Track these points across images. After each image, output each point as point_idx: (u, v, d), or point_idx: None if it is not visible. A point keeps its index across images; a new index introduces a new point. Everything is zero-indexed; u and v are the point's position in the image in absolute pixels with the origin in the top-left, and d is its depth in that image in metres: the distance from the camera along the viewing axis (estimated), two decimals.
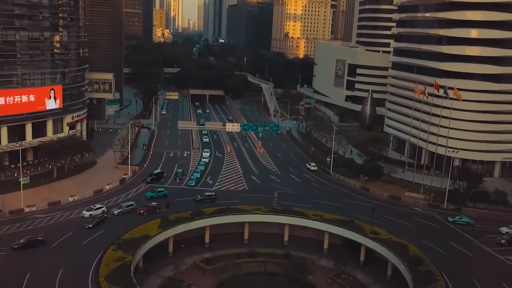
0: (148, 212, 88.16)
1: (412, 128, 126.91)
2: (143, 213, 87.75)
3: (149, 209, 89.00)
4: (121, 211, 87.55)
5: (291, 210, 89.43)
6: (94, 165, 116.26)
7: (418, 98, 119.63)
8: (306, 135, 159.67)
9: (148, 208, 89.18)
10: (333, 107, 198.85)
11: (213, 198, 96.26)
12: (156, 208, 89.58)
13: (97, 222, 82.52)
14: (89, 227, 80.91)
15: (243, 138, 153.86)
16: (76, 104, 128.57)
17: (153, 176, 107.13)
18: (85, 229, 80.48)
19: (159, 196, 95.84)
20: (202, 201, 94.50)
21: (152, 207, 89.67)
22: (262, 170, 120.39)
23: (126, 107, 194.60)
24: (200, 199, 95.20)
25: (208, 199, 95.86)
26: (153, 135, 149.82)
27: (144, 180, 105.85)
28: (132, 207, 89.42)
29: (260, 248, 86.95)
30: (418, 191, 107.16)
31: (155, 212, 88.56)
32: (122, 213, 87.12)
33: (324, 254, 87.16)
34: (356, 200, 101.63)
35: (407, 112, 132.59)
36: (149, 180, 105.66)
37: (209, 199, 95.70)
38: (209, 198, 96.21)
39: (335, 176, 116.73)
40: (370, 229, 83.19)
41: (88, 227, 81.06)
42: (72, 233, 78.92)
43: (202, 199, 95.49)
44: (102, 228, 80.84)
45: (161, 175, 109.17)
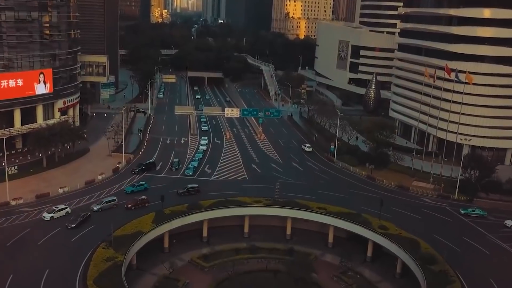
0: (137, 206, 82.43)
1: (420, 113, 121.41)
2: (131, 208, 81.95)
3: (138, 203, 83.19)
4: (101, 207, 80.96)
5: (293, 202, 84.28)
6: (86, 153, 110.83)
7: (427, 82, 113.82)
8: (308, 120, 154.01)
9: (136, 202, 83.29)
10: (336, 90, 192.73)
11: (196, 191, 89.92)
12: (145, 201, 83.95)
13: (81, 221, 75.58)
14: (72, 227, 74.00)
15: (243, 124, 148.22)
16: (68, 89, 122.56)
17: (143, 166, 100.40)
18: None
19: (140, 190, 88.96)
20: (185, 194, 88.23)
21: (141, 201, 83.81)
22: (262, 158, 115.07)
23: (122, 90, 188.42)
24: (182, 192, 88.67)
25: (191, 191, 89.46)
26: (149, 120, 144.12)
27: (132, 171, 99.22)
28: (113, 203, 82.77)
29: (261, 243, 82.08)
30: (427, 180, 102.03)
31: (145, 206, 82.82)
32: (102, 209, 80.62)
33: (328, 249, 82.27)
34: (362, 191, 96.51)
35: (415, 97, 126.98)
36: (138, 171, 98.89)
37: (192, 192, 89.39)
38: (192, 190, 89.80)
39: (340, 164, 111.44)
40: (378, 223, 78.15)
41: (71, 227, 74.12)
42: (60, 229, 73.77)
43: (185, 191, 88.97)
44: (93, 223, 75.66)
45: (151, 165, 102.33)
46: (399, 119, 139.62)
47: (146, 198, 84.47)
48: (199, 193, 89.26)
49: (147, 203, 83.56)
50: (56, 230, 72.98)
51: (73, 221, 75.42)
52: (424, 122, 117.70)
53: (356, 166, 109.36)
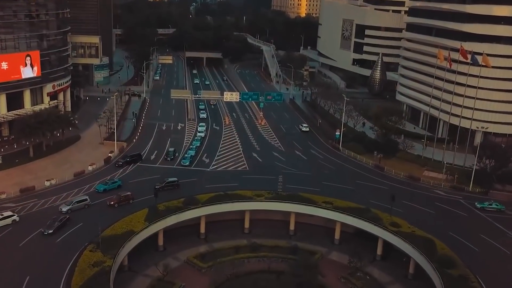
0: (120, 203, 75.11)
1: (432, 98, 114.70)
2: (114, 205, 74.83)
3: (122, 200, 75.75)
4: (70, 208, 72.21)
5: (297, 196, 78.28)
6: (77, 141, 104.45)
7: (438, 64, 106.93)
8: (311, 103, 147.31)
9: (119, 199, 75.74)
10: (339, 71, 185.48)
11: (175, 185, 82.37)
12: (129, 198, 76.63)
13: (59, 226, 67.16)
14: (49, 233, 65.80)
15: (243, 108, 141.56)
16: (58, 72, 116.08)
17: (127, 158, 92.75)
18: None
19: (113, 188, 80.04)
20: (163, 189, 79.53)
21: (124, 197, 76.30)
22: (264, 145, 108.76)
23: (117, 72, 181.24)
24: (160, 187, 79.38)
25: (169, 186, 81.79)
26: (144, 105, 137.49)
27: (117, 164, 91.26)
28: (85, 203, 74.16)
29: (262, 239, 76.34)
30: (439, 170, 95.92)
31: (129, 203, 75.67)
32: (72, 210, 72.07)
33: (335, 246, 76.62)
34: (370, 182, 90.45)
35: (425, 80, 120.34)
36: (122, 163, 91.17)
37: (171, 186, 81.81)
38: (171, 185, 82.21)
39: (345, 152, 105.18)
40: (389, 220, 72.24)
41: (48, 233, 65.86)
42: None
43: (163, 186, 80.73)
44: (80, 222, 69.64)
45: (137, 157, 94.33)
46: (407, 103, 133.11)
47: (130, 194, 77.15)
48: (178, 187, 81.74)
49: (132, 200, 76.45)
50: (40, 230, 66.92)
51: (50, 226, 66.99)
52: (435, 108, 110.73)
53: (363, 154, 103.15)
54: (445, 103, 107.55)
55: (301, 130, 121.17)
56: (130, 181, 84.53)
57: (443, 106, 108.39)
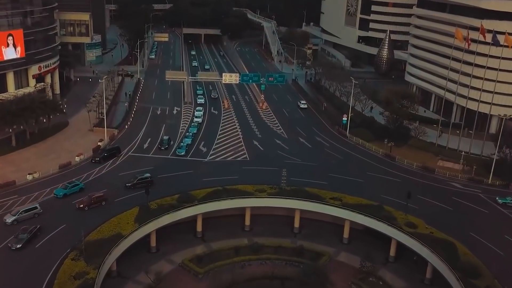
0: (91, 206, 66.70)
1: (441, 79, 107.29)
2: (84, 208, 66.17)
3: (93, 202, 67.08)
4: (16, 218, 61.96)
5: (302, 191, 71.55)
6: (65, 128, 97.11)
7: (453, 44, 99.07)
8: (315, 85, 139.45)
9: (90, 201, 67.06)
10: (344, 49, 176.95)
11: (148, 182, 73.27)
12: (102, 199, 68.02)
13: (29, 239, 58.16)
14: (17, 248, 56.78)
15: (243, 90, 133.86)
16: (44, 52, 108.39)
17: (105, 153, 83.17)
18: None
19: (74, 192, 70.05)
20: (135, 187, 72.51)
21: (97, 199, 67.57)
22: (265, 132, 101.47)
23: (111, 50, 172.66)
24: (131, 185, 72.67)
25: (141, 183, 73.01)
26: (138, 86, 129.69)
27: (93, 160, 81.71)
28: (35, 211, 63.93)
29: (265, 239, 70.05)
30: (454, 159, 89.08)
31: (101, 204, 67.42)
32: (18, 221, 61.59)
33: (343, 245, 70.28)
34: (380, 173, 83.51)
35: (437, 60, 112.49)
36: (98, 159, 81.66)
37: (144, 183, 72.70)
38: (143, 181, 73.26)
39: (353, 139, 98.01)
40: (404, 219, 65.69)
41: (15, 248, 56.83)
42: None
43: (134, 184, 72.88)
44: (64, 223, 62.76)
45: (115, 151, 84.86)
46: (417, 85, 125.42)
47: (103, 195, 68.42)
48: (152, 184, 72.99)
49: (105, 201, 67.89)
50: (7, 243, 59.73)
51: (19, 240, 57.61)
52: (451, 91, 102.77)
53: (372, 141, 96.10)
54: (461, 86, 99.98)
55: (300, 107, 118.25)
56: (120, 173, 77.54)
57: (459, 89, 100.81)
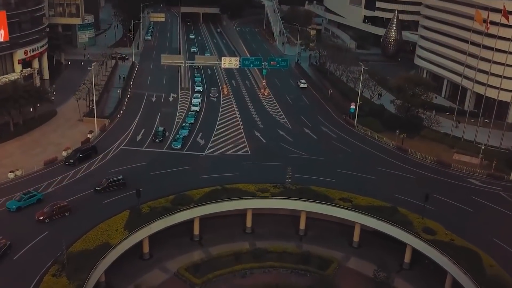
0: (53, 218, 58.13)
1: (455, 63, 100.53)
2: (44, 220, 57.66)
3: (55, 213, 58.49)
4: None
5: (309, 191, 65.49)
6: (53, 117, 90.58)
7: (468, 26, 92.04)
8: (319, 68, 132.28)
9: (52, 212, 58.40)
10: (349, 30, 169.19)
11: (120, 184, 66.09)
12: (65, 209, 59.51)
13: None
14: None
15: (243, 74, 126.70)
16: (30, 35, 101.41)
17: (80, 154, 73.62)
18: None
19: (31, 203, 60.57)
20: (105, 190, 65.12)
21: (59, 209, 58.95)
22: (268, 122, 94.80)
23: (105, 31, 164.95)
24: (101, 188, 65.03)
25: (113, 186, 65.80)
26: (132, 70, 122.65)
27: (67, 163, 72.05)
28: None
29: (268, 242, 64.29)
30: (471, 151, 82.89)
31: (65, 215, 58.97)
32: None
33: (353, 249, 64.56)
34: (392, 168, 77.17)
35: (452, 43, 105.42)
36: (73, 161, 71.99)
37: (115, 186, 65.92)
38: (115, 184, 66.04)
39: (361, 130, 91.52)
40: (421, 224, 59.75)
41: None
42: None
43: (105, 187, 65.25)
44: (46, 230, 56.76)
45: (91, 151, 75.91)
46: (427, 69, 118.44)
47: (67, 205, 59.93)
48: (124, 186, 65.93)
49: (69, 211, 59.61)
50: None
51: None
52: (469, 78, 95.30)
53: (382, 132, 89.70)
54: (479, 73, 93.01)
55: (299, 87, 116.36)
56: (110, 170, 71.22)
57: (470, 75, 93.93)
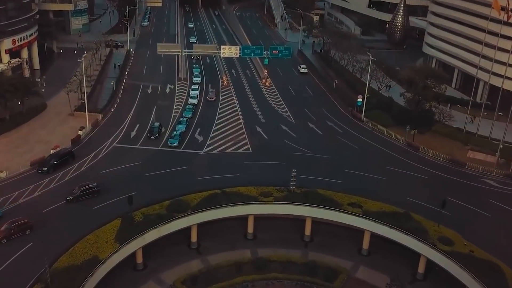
0: (10, 237, 51.42)
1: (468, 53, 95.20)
2: (1, 241, 51.00)
3: (13, 232, 51.72)
4: None
5: (315, 194, 60.87)
6: (42, 111, 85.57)
7: (483, 13, 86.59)
8: (323, 56, 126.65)
9: (10, 231, 51.56)
10: (353, 15, 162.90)
11: (94, 192, 60.37)
12: (26, 227, 52.75)
13: None
14: None
15: (244, 62, 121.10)
16: (18, 23, 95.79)
17: (54, 161, 66.06)
18: None
19: None
20: (78, 200, 59.17)
21: (17, 227, 52.08)
22: (270, 115, 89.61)
23: (100, 17, 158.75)
24: (74, 197, 59.01)
25: (86, 194, 59.86)
26: (128, 59, 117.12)
27: (40, 170, 64.78)
28: None
29: (270, 250, 59.81)
30: (486, 148, 78.02)
31: (25, 233, 52.44)
32: None
33: (363, 258, 60.01)
34: (403, 167, 72.26)
35: (464, 31, 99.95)
36: (46, 169, 64.75)
37: (89, 194, 60.07)
38: (88, 192, 60.12)
39: (369, 124, 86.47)
40: (437, 232, 55.16)
41: None
42: None
43: (77, 196, 59.21)
44: (30, 241, 52.14)
45: (68, 157, 68.38)
46: (437, 57, 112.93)
47: (27, 222, 53.01)
48: (99, 194, 60.54)
49: (30, 229, 52.85)
50: None
51: None
52: (485, 70, 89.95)
53: (390, 126, 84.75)
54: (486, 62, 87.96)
55: (300, 72, 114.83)
56: (102, 171, 66.45)
57: (486, 66, 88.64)
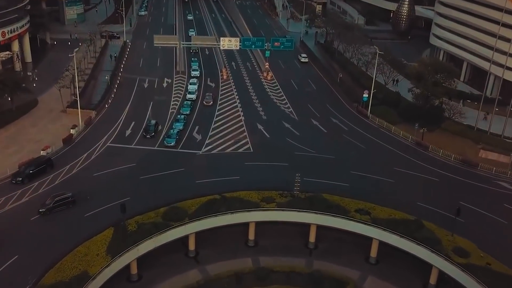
0: None
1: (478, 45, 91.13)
2: None
3: None
4: None
5: (320, 199, 57.34)
6: (33, 108, 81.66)
7: (498, 5, 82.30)
8: (326, 47, 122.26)
9: None
10: (356, 4, 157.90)
11: (69, 203, 55.37)
12: None
13: None
14: None
15: (244, 54, 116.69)
16: (7, 14, 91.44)
17: (30, 170, 60.52)
18: None
19: None
20: (51, 211, 54.06)
21: None
22: (271, 111, 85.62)
23: (95, 6, 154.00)
24: (46, 209, 53.96)
25: (60, 205, 54.77)
26: (124, 51, 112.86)
27: (14, 180, 59.23)
28: None
29: (273, 259, 56.44)
30: (498, 146, 74.34)
31: None
32: None
33: (371, 266, 56.52)
34: (411, 169, 68.42)
35: (475, 23, 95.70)
36: (21, 179, 59.36)
37: (63, 205, 55.02)
38: (63, 203, 54.99)
39: (375, 121, 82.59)
40: (452, 243, 51.63)
41: None
42: None
43: (51, 208, 54.05)
44: (15, 253, 48.64)
45: (46, 165, 62.57)
46: (444, 49, 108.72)
47: None
48: (74, 204, 55.57)
49: None
50: None
51: None
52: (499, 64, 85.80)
53: (398, 124, 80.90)
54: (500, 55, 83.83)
55: (300, 61, 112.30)
56: (95, 174, 62.80)
57: (499, 60, 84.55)
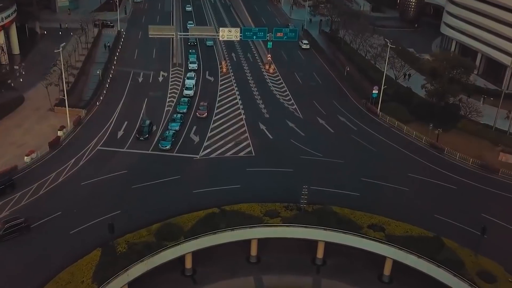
0: None
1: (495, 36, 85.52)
2: None
3: None
4: None
5: (329, 212, 52.33)
6: (18, 106, 76.11)
7: None
8: (331, 37, 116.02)
9: None
10: None
11: (23, 229, 48.59)
12: None
13: None
14: None
15: (245, 45, 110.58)
16: None
17: None
18: None
19: None
20: (2, 239, 47.28)
21: None
22: (275, 109, 79.87)
23: None
24: None
25: (11, 232, 47.99)
26: (118, 41, 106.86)
27: None
28: None
29: (277, 277, 51.86)
30: None
31: None
32: None
33: (383, 285, 51.73)
34: (427, 175, 62.95)
35: (491, 12, 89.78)
36: None
37: (15, 232, 48.17)
38: (15, 229, 48.21)
39: (386, 120, 77.01)
40: (475, 264, 46.66)
41: None
42: None
43: (1, 235, 47.37)
44: None
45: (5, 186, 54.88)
46: (457, 39, 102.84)
47: None
48: (29, 230, 48.88)
49: None
50: None
51: None
52: None
53: (410, 123, 75.38)
54: None
55: (301, 48, 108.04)
56: (82, 183, 57.59)
57: None
